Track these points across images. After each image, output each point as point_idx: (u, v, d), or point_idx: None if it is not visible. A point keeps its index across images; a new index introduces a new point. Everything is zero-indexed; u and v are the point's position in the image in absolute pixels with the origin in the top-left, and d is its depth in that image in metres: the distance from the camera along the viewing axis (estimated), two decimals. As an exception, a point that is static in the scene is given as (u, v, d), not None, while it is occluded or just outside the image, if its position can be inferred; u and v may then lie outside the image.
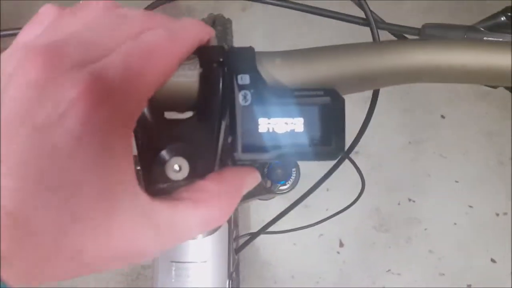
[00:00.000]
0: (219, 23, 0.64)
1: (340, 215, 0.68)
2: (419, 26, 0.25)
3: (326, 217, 0.47)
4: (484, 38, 0.21)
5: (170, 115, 0.20)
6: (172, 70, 0.17)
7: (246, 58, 0.19)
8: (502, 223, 1.16)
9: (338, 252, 1.09)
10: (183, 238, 0.18)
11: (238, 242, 0.44)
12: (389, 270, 1.09)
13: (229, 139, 0.19)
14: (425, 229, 1.15)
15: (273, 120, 0.18)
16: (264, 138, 0.18)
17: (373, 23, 0.23)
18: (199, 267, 0.27)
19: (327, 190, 1.11)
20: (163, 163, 0.18)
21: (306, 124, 0.18)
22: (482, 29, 0.22)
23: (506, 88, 0.23)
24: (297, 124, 0.18)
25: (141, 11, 0.19)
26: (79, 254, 0.15)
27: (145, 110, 0.19)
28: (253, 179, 0.20)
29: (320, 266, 1.07)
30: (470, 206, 1.18)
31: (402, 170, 1.21)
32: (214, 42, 0.20)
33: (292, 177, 0.34)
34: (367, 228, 1.12)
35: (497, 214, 1.17)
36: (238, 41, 0.57)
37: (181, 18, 0.19)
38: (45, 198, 0.14)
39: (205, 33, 0.19)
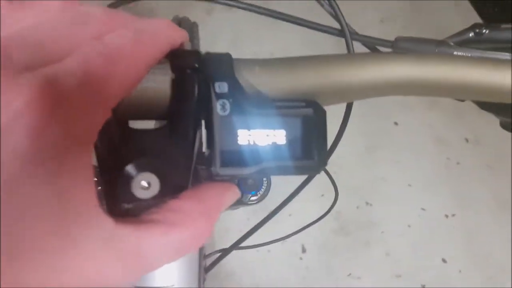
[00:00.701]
0: (185, 26, 0.62)
1: (302, 220, 0.68)
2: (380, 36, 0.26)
3: (287, 223, 0.46)
4: (454, 52, 0.22)
5: (135, 124, 0.18)
6: (140, 76, 0.15)
7: (223, 65, 0.18)
8: (451, 224, 1.22)
9: (301, 258, 1.10)
10: (154, 267, 0.15)
11: (206, 261, 0.42)
12: (350, 274, 1.11)
13: (206, 152, 0.18)
14: (382, 232, 1.18)
15: (253, 132, 0.17)
16: (244, 151, 0.17)
17: (348, 34, 0.23)
18: (165, 293, 0.25)
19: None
20: (128, 179, 0.16)
21: (288, 136, 0.18)
22: (452, 43, 0.23)
23: (473, 101, 0.24)
24: (278, 136, 0.17)
25: (104, 9, 0.16)
26: None
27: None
28: (232, 195, 0.18)
29: (284, 273, 1.08)
30: (423, 209, 1.23)
31: (359, 175, 1.24)
32: (187, 46, 0.19)
33: (263, 188, 0.34)
34: (328, 233, 1.14)
35: (447, 216, 1.23)
36: (203, 46, 0.56)
37: (149, 18, 0.17)
38: None
39: (177, 36, 0.17)
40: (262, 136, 0.17)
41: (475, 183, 1.28)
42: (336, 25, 0.25)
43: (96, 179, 0.14)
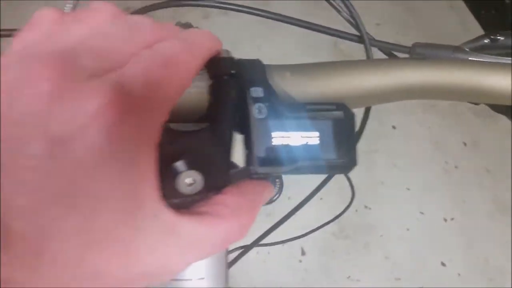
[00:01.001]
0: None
1: (302, 223, 0.69)
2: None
3: (286, 224, 0.46)
4: (469, 58, 0.23)
5: (175, 126, 0.19)
6: (190, 82, 0.17)
7: (257, 71, 0.19)
8: (450, 227, 1.23)
9: (300, 261, 1.11)
10: (207, 253, 0.17)
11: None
12: (349, 277, 1.11)
13: (245, 153, 0.19)
14: (381, 235, 1.19)
15: (288, 134, 0.18)
16: (280, 151, 0.18)
17: (367, 40, 0.24)
18: (195, 285, 0.26)
19: (288, 198, 1.13)
20: (174, 177, 0.17)
21: (320, 137, 0.19)
22: (467, 49, 0.24)
23: (487, 104, 0.25)
24: (311, 138, 0.19)
25: (149, 19, 0.18)
26: (100, 275, 0.14)
27: None
28: (268, 193, 0.20)
29: (283, 275, 1.08)
30: (421, 213, 1.24)
31: (358, 179, 1.25)
32: (223, 54, 0.20)
33: (276, 188, 0.34)
34: (327, 236, 1.15)
35: (445, 220, 1.25)
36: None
37: (189, 29, 0.19)
38: (63, 218, 0.13)
39: (216, 45, 0.19)
40: (296, 137, 0.18)
41: (474, 186, 1.30)
42: (351, 30, 0.26)
43: None
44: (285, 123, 0.18)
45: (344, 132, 0.19)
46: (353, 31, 0.27)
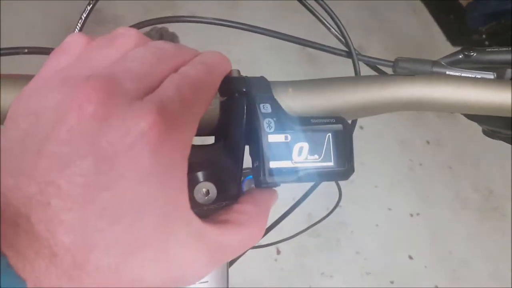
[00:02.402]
0: (166, 37, 0.64)
1: (279, 225, 0.71)
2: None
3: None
4: (447, 72, 0.26)
5: None
6: (211, 100, 0.18)
7: (263, 88, 0.21)
8: (416, 222, 1.29)
9: (275, 260, 1.13)
10: (229, 257, 0.18)
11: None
12: (322, 273, 1.15)
13: (255, 164, 0.20)
14: (352, 231, 1.23)
15: (294, 145, 0.20)
16: (287, 161, 0.20)
17: (355, 56, 0.26)
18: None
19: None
20: (190, 188, 0.19)
21: (322, 148, 0.20)
22: (444, 63, 0.26)
23: (472, 118, 0.28)
24: (315, 148, 0.20)
25: (171, 44, 0.19)
26: (137, 281, 0.15)
27: None
28: (275, 199, 0.22)
29: (260, 275, 1.10)
30: (389, 209, 1.30)
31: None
32: (233, 73, 0.21)
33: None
34: (301, 235, 1.18)
35: (411, 215, 1.30)
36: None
37: (205, 52, 0.20)
38: (106, 229, 0.14)
39: (228, 66, 0.20)
40: (302, 148, 0.20)
41: (437, 183, 1.37)
42: (338, 45, 0.28)
43: None
44: (291, 135, 0.20)
45: (343, 142, 0.21)
46: (335, 43, 0.29)
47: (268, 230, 0.37)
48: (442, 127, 1.45)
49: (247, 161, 0.21)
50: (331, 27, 0.28)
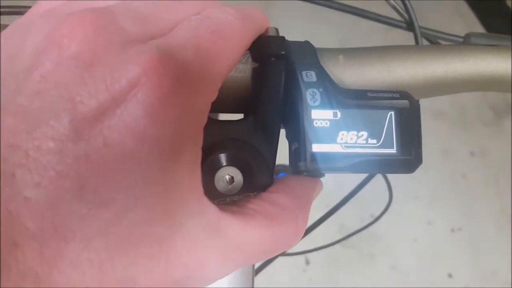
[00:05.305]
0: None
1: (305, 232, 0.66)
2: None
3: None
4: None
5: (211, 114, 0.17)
6: (240, 56, 0.14)
7: (308, 53, 0.17)
8: (457, 238, 1.21)
9: (304, 270, 1.08)
10: (252, 260, 0.14)
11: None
12: (354, 287, 1.09)
13: (293, 146, 0.16)
14: (387, 245, 1.16)
15: (344, 124, 0.15)
16: (335, 144, 0.15)
17: (418, 28, 0.22)
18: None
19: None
20: (210, 174, 0.15)
21: (382, 130, 0.16)
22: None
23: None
24: (372, 130, 0.16)
25: None
26: (128, 283, 0.11)
27: None
28: (319, 190, 0.17)
29: (287, 285, 1.05)
30: (429, 222, 1.22)
31: (364, 187, 1.23)
32: (270, 32, 0.17)
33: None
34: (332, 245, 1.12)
35: (453, 230, 1.22)
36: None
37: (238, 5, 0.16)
38: (87, 216, 0.10)
39: (265, 22, 0.16)
40: (354, 128, 0.15)
41: (481, 196, 1.28)
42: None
43: None
44: (341, 112, 0.15)
45: (408, 124, 0.16)
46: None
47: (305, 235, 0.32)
48: (488, 137, 1.35)
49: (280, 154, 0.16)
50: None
